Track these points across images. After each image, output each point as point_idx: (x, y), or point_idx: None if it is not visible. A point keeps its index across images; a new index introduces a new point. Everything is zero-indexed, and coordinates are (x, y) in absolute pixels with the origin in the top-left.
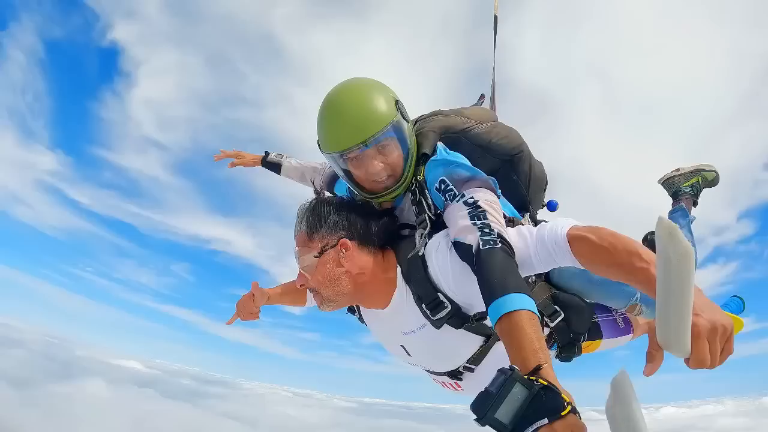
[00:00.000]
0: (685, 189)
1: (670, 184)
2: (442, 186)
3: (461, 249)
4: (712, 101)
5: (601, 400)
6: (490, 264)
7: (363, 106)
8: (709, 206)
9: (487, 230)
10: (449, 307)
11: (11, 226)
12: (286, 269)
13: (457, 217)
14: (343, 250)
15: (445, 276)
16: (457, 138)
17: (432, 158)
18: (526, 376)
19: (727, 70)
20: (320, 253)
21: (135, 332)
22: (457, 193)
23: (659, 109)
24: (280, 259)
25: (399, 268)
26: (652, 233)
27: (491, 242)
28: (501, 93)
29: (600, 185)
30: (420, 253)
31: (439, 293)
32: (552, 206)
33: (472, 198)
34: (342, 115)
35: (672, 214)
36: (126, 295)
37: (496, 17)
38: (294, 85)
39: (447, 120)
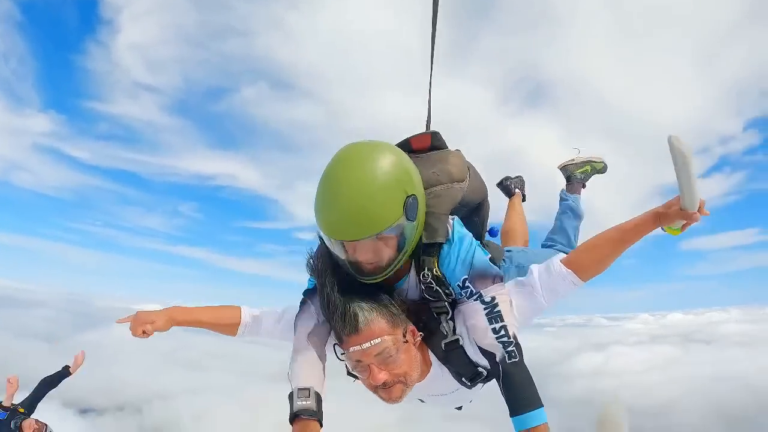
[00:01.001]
0: (578, 175)
1: (566, 170)
2: (465, 284)
3: (486, 353)
4: (719, 8)
5: (602, 308)
6: (514, 378)
7: (366, 204)
8: (714, 115)
9: (505, 338)
10: (485, 373)
11: (14, 194)
12: (293, 196)
13: (478, 320)
14: (420, 334)
15: (481, 359)
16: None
17: (449, 248)
18: None
19: None
20: (405, 339)
21: (150, 277)
22: (474, 291)
23: (665, 16)
24: (286, 186)
25: (431, 351)
26: (506, 178)
27: (513, 354)
28: None
29: (605, 95)
30: (460, 343)
31: (478, 367)
32: (494, 232)
33: (489, 296)
34: (342, 207)
35: (565, 201)
36: (137, 242)
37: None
38: (285, 8)
39: (450, 196)
